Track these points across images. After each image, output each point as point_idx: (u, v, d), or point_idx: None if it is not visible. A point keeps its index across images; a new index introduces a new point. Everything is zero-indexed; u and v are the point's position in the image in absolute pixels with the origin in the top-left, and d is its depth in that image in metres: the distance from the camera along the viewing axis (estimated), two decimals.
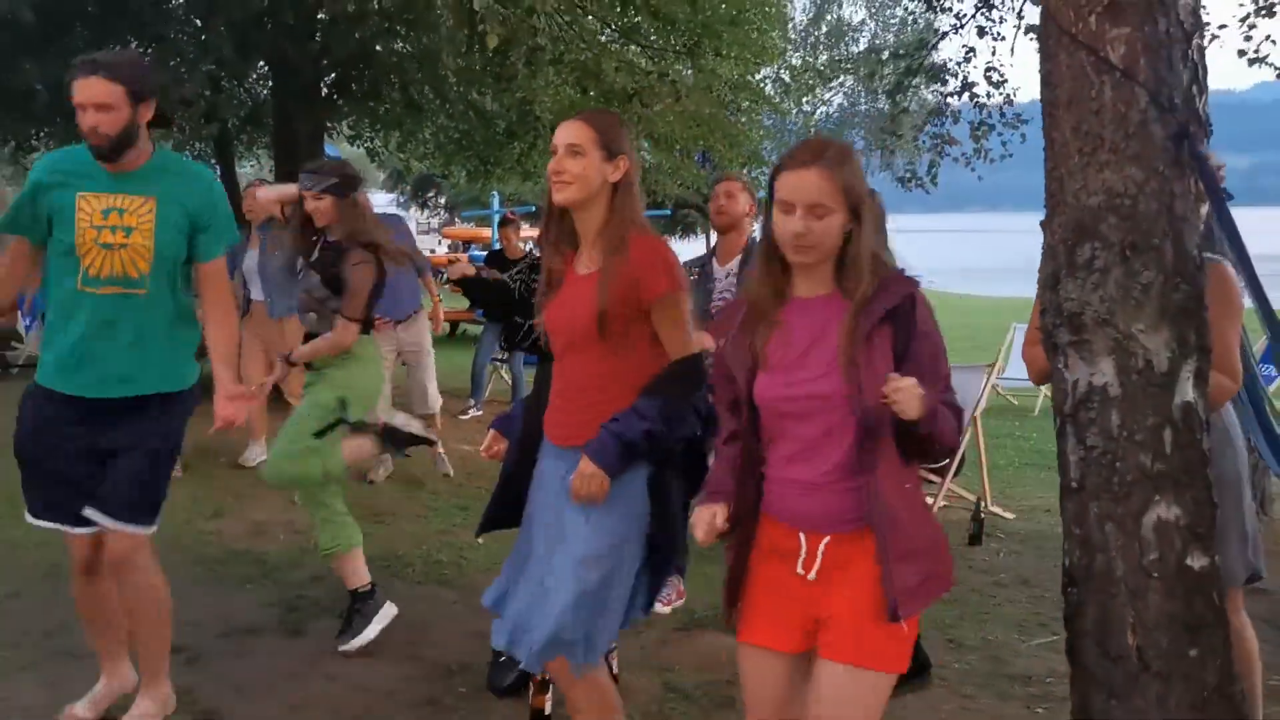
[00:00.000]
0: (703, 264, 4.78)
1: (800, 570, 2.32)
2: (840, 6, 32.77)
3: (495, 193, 15.37)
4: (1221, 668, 2.55)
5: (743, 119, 9.59)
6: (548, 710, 3.72)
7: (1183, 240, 2.47)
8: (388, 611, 4.31)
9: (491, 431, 3.16)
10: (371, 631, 4.23)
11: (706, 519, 2.35)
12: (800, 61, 29.18)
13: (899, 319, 2.23)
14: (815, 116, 26.08)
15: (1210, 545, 2.52)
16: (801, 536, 2.31)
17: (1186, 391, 2.47)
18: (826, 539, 2.28)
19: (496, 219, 14.94)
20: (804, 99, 11.44)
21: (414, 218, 35.53)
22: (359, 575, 4.31)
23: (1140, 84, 2.46)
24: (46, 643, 4.16)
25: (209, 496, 6.42)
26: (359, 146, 12.48)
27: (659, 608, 4.55)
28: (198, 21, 6.96)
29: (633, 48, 9.00)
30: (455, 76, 6.03)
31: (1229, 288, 2.96)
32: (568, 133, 2.72)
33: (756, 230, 4.55)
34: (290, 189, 4.37)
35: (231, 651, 4.24)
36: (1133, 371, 2.45)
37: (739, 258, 4.58)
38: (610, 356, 2.74)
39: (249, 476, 6.99)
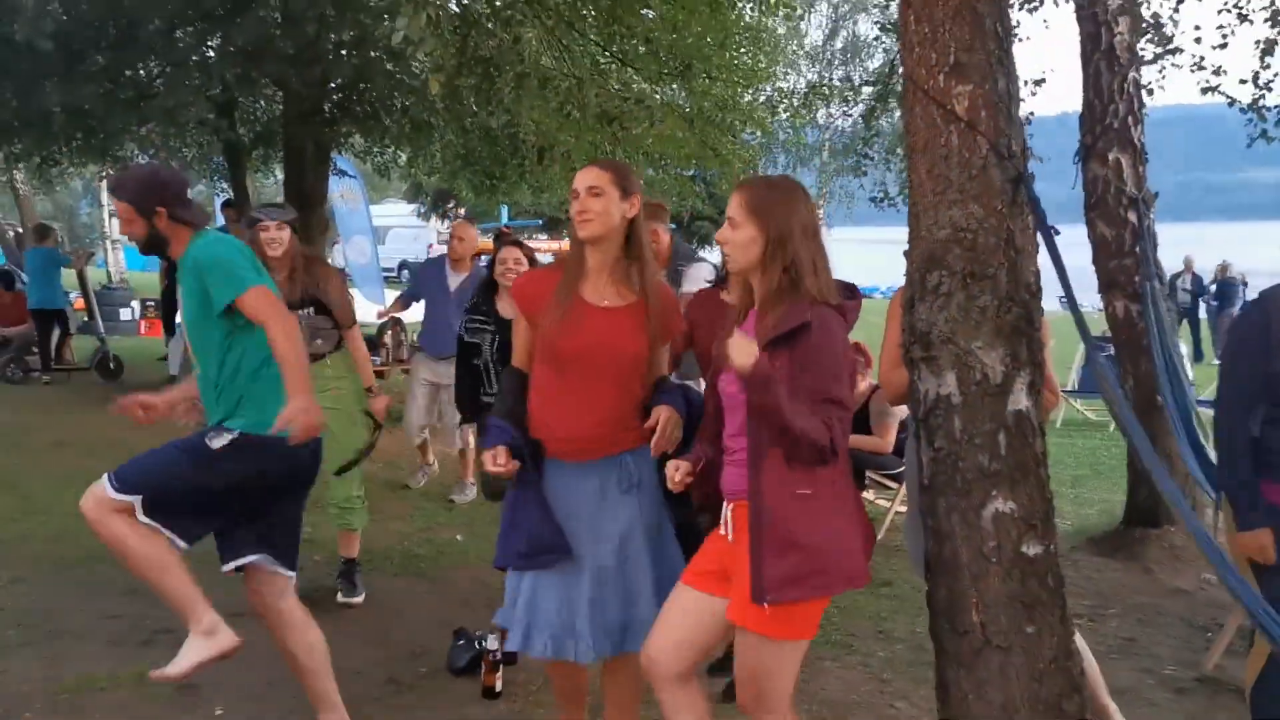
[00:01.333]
0: None
1: (722, 530, 2.82)
2: (855, 23, 33.17)
3: (504, 205, 15.81)
4: (1058, 643, 2.90)
5: (729, 138, 9.96)
6: (498, 688, 4.11)
7: (1018, 269, 2.84)
8: None
9: (502, 447, 3.06)
10: None
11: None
12: (816, 77, 29.61)
13: (797, 341, 2.58)
14: (826, 135, 26.45)
15: (1045, 534, 2.88)
16: (726, 503, 2.81)
17: (1020, 400, 2.83)
18: (731, 505, 2.78)
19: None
20: (791, 117, 11.70)
21: (435, 228, 36.00)
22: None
23: (982, 134, 2.82)
24: (46, 624, 4.56)
25: None
26: (368, 162, 12.95)
27: None
28: (206, 49, 7.40)
29: (628, 71, 9.40)
30: (442, 102, 6.43)
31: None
32: (587, 177, 3.04)
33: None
34: None
35: None
36: (972, 383, 2.81)
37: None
38: (639, 378, 3.09)
39: None
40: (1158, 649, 4.60)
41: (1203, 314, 19.42)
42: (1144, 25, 6.07)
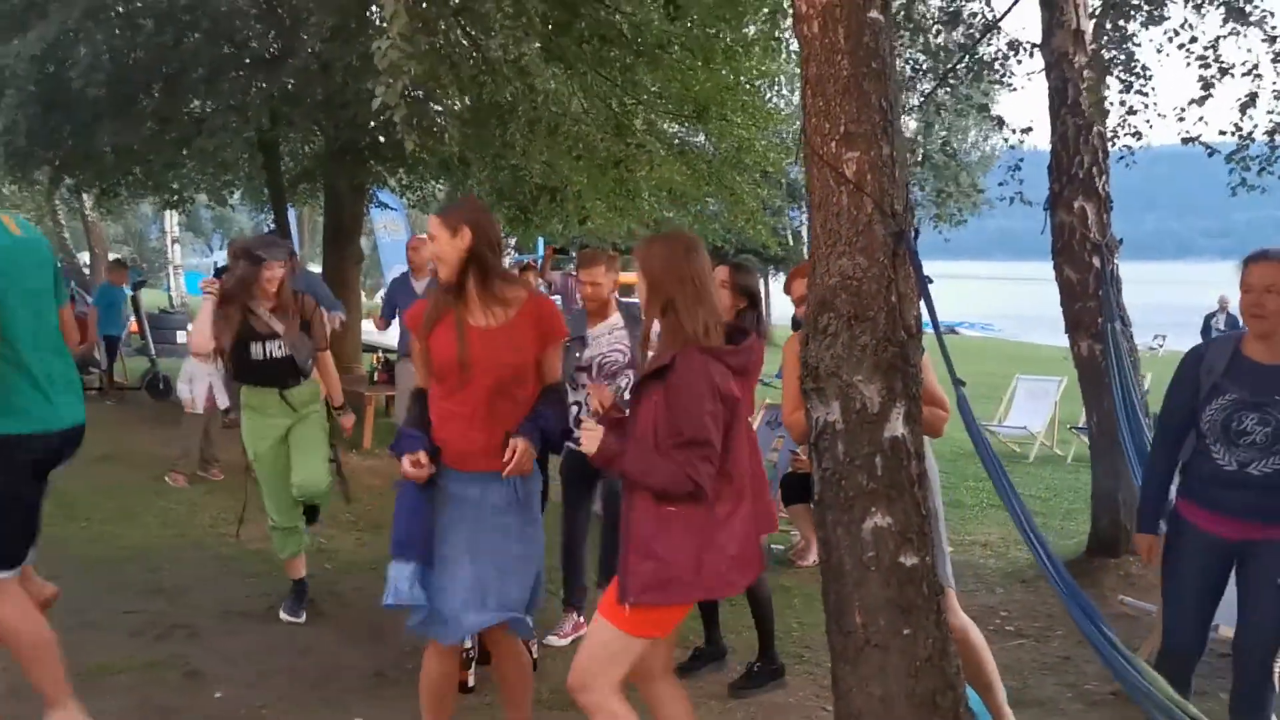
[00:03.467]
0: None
1: None
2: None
3: (540, 238, 16.38)
4: (933, 645, 3.26)
5: (745, 178, 10.40)
6: (470, 683, 4.55)
7: (897, 313, 3.22)
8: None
9: (422, 451, 3.46)
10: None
11: None
12: None
13: (664, 379, 3.02)
14: None
15: (920, 547, 3.25)
16: None
17: (896, 428, 3.21)
18: None
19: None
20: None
21: None
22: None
23: (867, 194, 3.22)
24: (73, 617, 5.04)
25: (234, 506, 7.35)
26: (404, 196, 13.56)
27: (554, 640, 5.23)
28: (247, 95, 7.99)
29: (652, 114, 9.88)
30: (460, 146, 6.94)
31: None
32: (428, 226, 3.56)
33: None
34: None
35: (225, 629, 5.14)
36: (853, 412, 3.20)
37: (617, 315, 5.28)
38: (525, 390, 3.49)
39: None
40: (1087, 667, 4.91)
41: None
42: (1108, 76, 6.40)
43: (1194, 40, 6.66)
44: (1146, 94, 7.68)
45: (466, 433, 3.44)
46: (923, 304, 3.31)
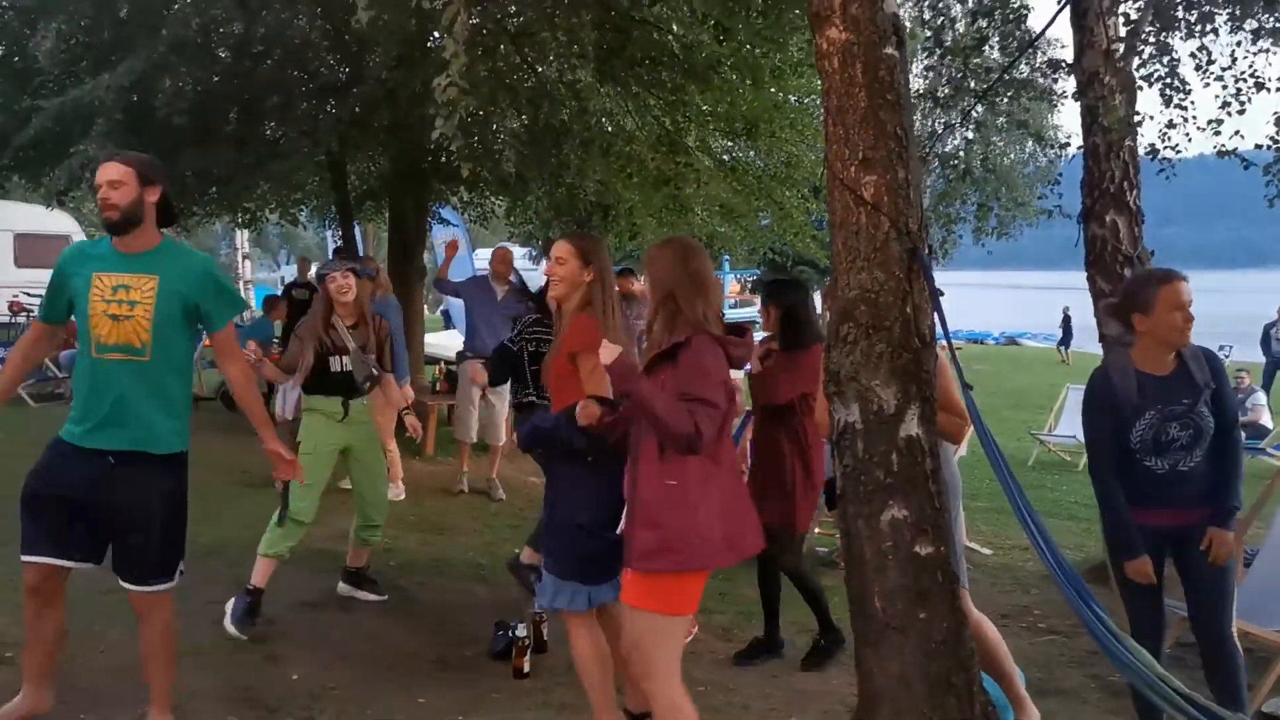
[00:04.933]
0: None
1: None
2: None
3: None
4: (948, 629, 3.55)
5: (795, 193, 10.70)
6: (526, 669, 4.89)
7: (911, 323, 3.52)
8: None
9: None
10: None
11: None
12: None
13: (677, 357, 3.33)
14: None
15: (936, 537, 3.54)
16: None
17: (911, 427, 3.51)
18: None
19: None
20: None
21: (545, 273, 37.49)
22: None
23: (884, 214, 3.53)
24: None
25: None
26: (466, 213, 14.01)
27: None
28: (318, 119, 8.46)
29: (705, 130, 10.21)
30: (517, 166, 7.31)
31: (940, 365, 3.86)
32: (555, 249, 4.01)
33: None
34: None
35: (299, 618, 5.54)
36: (871, 413, 3.51)
37: None
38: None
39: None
40: None
41: None
42: (1145, 90, 6.60)
43: (1212, 61, 6.83)
44: (1185, 107, 7.86)
45: None
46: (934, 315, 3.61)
